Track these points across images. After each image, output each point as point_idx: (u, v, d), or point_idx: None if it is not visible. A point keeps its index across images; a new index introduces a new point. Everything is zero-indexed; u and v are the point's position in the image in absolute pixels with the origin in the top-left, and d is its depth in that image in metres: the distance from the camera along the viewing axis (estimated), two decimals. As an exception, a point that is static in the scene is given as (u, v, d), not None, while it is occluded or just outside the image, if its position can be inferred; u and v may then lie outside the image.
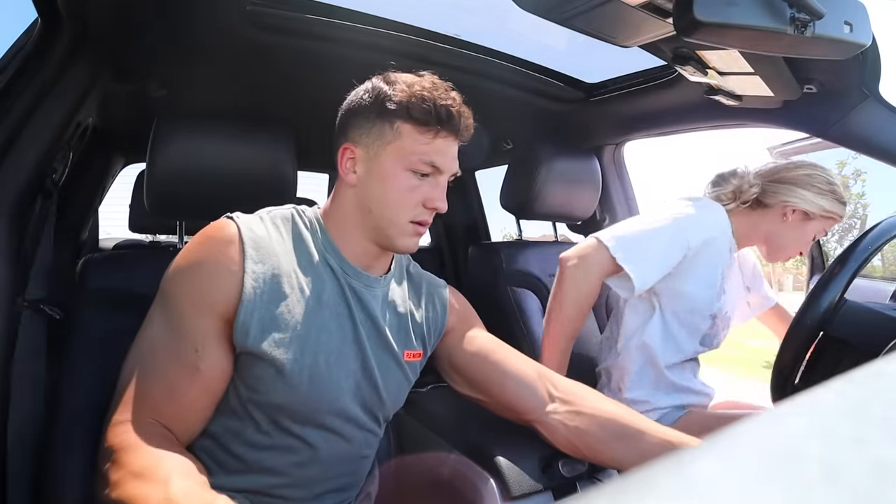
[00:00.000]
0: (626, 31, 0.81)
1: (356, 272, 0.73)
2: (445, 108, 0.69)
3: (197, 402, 0.65)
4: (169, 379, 0.64)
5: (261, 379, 0.66)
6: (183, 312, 0.65)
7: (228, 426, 0.69)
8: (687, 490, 0.13)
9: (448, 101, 0.70)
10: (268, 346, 0.65)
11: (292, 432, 0.69)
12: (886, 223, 0.86)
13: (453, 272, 2.23)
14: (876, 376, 0.18)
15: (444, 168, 0.72)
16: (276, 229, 0.71)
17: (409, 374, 0.79)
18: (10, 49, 0.90)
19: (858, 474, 0.12)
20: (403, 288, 0.81)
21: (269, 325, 0.65)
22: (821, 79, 0.99)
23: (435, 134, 0.69)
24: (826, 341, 0.85)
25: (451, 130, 0.71)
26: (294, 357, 0.66)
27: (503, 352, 0.85)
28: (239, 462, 0.68)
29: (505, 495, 0.83)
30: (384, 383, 0.75)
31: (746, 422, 0.16)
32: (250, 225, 0.68)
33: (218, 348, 0.65)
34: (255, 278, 0.65)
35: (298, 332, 0.67)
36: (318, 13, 1.03)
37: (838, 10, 0.68)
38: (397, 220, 0.71)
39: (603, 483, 0.92)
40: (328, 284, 0.71)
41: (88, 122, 1.05)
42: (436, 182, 0.72)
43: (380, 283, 0.76)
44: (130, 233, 1.98)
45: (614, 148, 1.68)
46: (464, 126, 0.72)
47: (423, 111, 0.68)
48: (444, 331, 0.84)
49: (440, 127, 0.69)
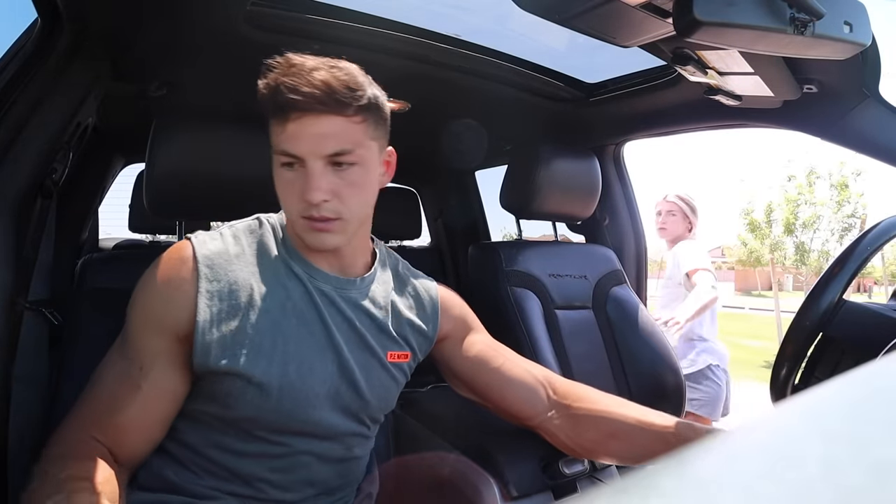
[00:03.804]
0: (626, 31, 0.81)
1: (325, 276, 0.72)
2: (291, 87, 0.62)
3: (137, 420, 0.64)
4: (111, 395, 0.64)
5: (230, 395, 0.65)
6: (133, 331, 0.66)
7: (209, 437, 0.68)
8: (687, 490, 0.13)
9: (293, 80, 0.62)
10: (231, 362, 0.64)
11: (272, 440, 0.69)
12: (886, 223, 0.86)
13: (453, 272, 2.23)
14: (876, 376, 0.18)
15: (300, 152, 0.64)
16: (237, 243, 0.70)
17: (395, 374, 0.77)
18: (10, 49, 0.90)
19: (858, 474, 0.12)
20: (388, 289, 0.79)
21: (231, 342, 0.65)
22: (821, 79, 1.00)
23: (285, 121, 0.64)
24: (826, 341, 0.85)
25: (303, 109, 0.63)
26: (261, 370, 0.65)
27: (502, 357, 0.84)
28: (224, 470, 0.68)
29: (505, 495, 0.83)
30: (367, 385, 0.73)
31: (746, 422, 0.16)
32: (206, 243, 0.68)
33: (165, 369, 0.65)
34: (211, 297, 0.65)
35: (263, 345, 0.66)
36: (318, 13, 1.03)
37: (838, 10, 0.68)
38: (292, 218, 0.68)
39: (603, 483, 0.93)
40: (294, 292, 0.69)
41: (88, 122, 1.05)
42: (304, 172, 0.65)
43: (355, 285, 0.74)
44: (130, 233, 1.98)
45: (614, 148, 1.68)
46: (324, 95, 0.62)
47: (272, 103, 0.64)
48: (436, 334, 0.82)
49: (287, 110, 0.63)
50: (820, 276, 0.87)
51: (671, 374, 1.38)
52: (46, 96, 0.86)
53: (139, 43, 1.02)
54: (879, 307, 0.85)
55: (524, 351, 1.25)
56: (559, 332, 1.36)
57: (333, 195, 0.65)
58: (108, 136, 1.40)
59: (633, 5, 0.71)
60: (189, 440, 0.69)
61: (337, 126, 0.64)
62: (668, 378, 1.38)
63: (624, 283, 1.50)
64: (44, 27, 0.85)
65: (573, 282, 1.43)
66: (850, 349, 0.82)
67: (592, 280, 1.46)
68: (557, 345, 1.33)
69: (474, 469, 0.86)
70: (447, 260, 2.27)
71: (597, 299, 1.45)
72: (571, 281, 1.43)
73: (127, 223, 1.93)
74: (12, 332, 0.80)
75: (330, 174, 0.65)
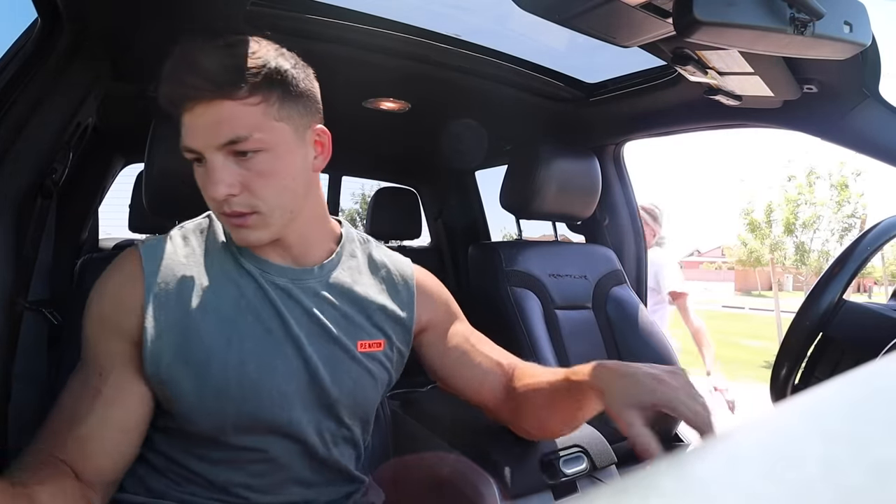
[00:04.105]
0: (626, 31, 0.81)
1: (279, 269, 0.68)
2: (177, 78, 0.57)
3: (98, 430, 0.59)
4: (72, 406, 0.60)
5: (189, 401, 0.62)
6: (89, 338, 0.63)
7: (180, 447, 0.66)
8: (687, 490, 0.13)
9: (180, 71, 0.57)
10: (185, 368, 0.61)
11: (247, 446, 0.65)
12: (886, 223, 0.86)
13: (453, 272, 2.23)
14: (876, 376, 0.18)
15: (196, 146, 0.59)
16: (186, 244, 0.67)
17: (369, 366, 0.71)
18: (10, 49, 0.90)
19: (858, 474, 0.12)
20: (355, 273, 0.74)
21: (183, 347, 0.62)
22: (821, 79, 1.00)
23: (180, 114, 0.60)
24: (826, 341, 0.85)
25: (192, 98, 0.58)
26: (217, 373, 0.62)
27: (468, 345, 0.81)
28: (201, 478, 0.66)
29: (505, 495, 0.83)
30: (334, 379, 0.68)
31: (746, 422, 0.16)
32: (155, 248, 0.66)
33: (125, 372, 0.62)
34: (158, 303, 0.62)
35: (216, 346, 0.62)
36: (318, 13, 1.03)
37: (838, 10, 0.68)
38: (215, 214, 0.65)
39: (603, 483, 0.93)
40: (247, 289, 0.66)
41: (88, 122, 1.05)
42: (205, 167, 0.60)
43: (313, 274, 0.69)
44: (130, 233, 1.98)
45: (614, 148, 1.68)
46: (208, 79, 0.57)
47: (165, 99, 0.59)
48: (414, 320, 0.77)
49: (179, 103, 0.59)
50: (820, 276, 0.87)
51: (671, 374, 1.38)
52: (46, 96, 0.86)
53: (139, 43, 1.02)
54: (879, 307, 0.85)
55: (524, 351, 1.25)
56: (559, 332, 1.36)
57: (242, 188, 0.60)
58: (108, 136, 1.40)
59: (633, 5, 0.71)
60: (163, 449, 0.67)
61: (227, 111, 0.58)
62: (668, 378, 1.38)
63: (624, 283, 1.50)
64: (44, 27, 0.85)
65: (573, 282, 1.43)
66: (850, 349, 0.82)
67: (592, 280, 1.46)
68: (557, 345, 1.33)
69: (474, 469, 0.86)
70: (447, 260, 2.27)
71: (597, 299, 1.45)
72: (571, 281, 1.43)
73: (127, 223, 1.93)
74: (12, 332, 0.80)
75: (232, 165, 0.60)
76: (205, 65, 0.57)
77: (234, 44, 0.60)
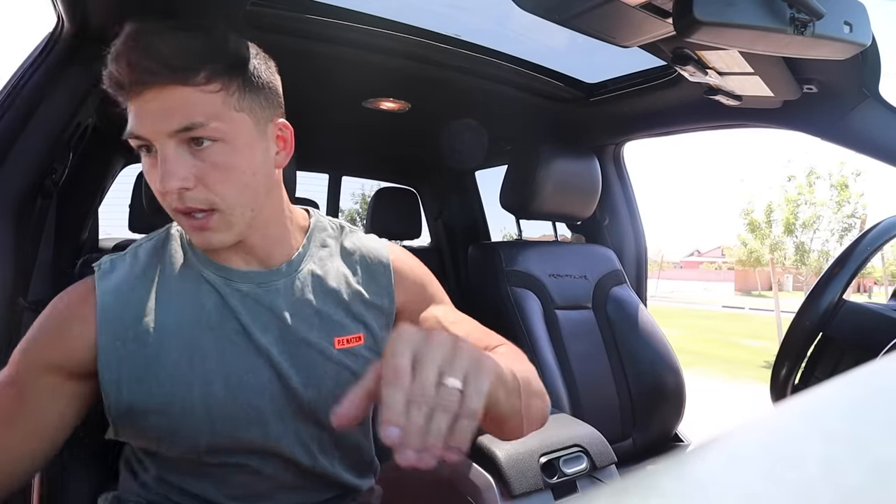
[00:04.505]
0: (626, 31, 0.81)
1: (243, 274, 0.64)
2: (128, 60, 0.52)
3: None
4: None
5: (160, 428, 0.60)
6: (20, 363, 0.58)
7: (171, 466, 0.65)
8: (687, 490, 0.13)
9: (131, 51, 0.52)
10: (148, 394, 0.58)
11: (228, 463, 0.63)
12: (886, 223, 0.86)
13: (453, 272, 2.23)
14: (876, 376, 0.18)
15: (145, 133, 0.54)
16: (143, 263, 0.63)
17: (349, 363, 0.66)
18: (11, 49, 0.91)
19: (858, 474, 0.12)
20: (327, 263, 0.69)
21: (144, 373, 0.58)
22: (821, 79, 1.00)
23: (128, 98, 0.55)
24: (826, 341, 0.85)
25: (144, 82, 0.53)
26: (182, 397, 0.59)
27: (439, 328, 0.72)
28: (192, 496, 0.65)
29: (505, 495, 0.83)
30: (310, 384, 0.64)
31: (746, 422, 0.16)
32: (109, 273, 0.62)
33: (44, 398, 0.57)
34: (113, 333, 0.58)
35: (178, 370, 0.59)
36: (318, 13, 1.03)
37: (838, 10, 0.68)
38: (171, 216, 0.59)
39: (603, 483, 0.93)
40: (208, 303, 0.62)
41: (88, 122, 1.05)
42: (154, 157, 0.56)
43: (281, 273, 0.65)
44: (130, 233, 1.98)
45: (614, 148, 1.68)
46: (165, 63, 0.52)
47: (111, 81, 0.54)
48: (394, 305, 0.72)
49: (128, 86, 0.54)
50: (820, 276, 0.88)
51: (671, 374, 1.39)
52: (46, 96, 0.87)
53: (139, 43, 1.02)
54: (879, 307, 0.85)
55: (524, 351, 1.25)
56: (559, 333, 1.36)
57: (197, 181, 0.55)
58: (108, 136, 1.40)
59: (633, 5, 0.71)
60: (152, 468, 0.66)
61: (183, 97, 0.53)
62: (668, 378, 1.38)
63: (624, 283, 1.50)
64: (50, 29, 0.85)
65: (573, 282, 1.43)
66: (850, 349, 0.82)
67: (592, 280, 1.46)
68: (557, 345, 1.33)
69: (474, 469, 0.86)
70: (447, 260, 2.27)
71: (597, 299, 1.45)
72: (571, 281, 1.43)
73: (127, 223, 1.93)
74: (12, 332, 0.80)
75: (186, 156, 0.55)
76: (160, 48, 0.52)
77: (192, 27, 0.56)
